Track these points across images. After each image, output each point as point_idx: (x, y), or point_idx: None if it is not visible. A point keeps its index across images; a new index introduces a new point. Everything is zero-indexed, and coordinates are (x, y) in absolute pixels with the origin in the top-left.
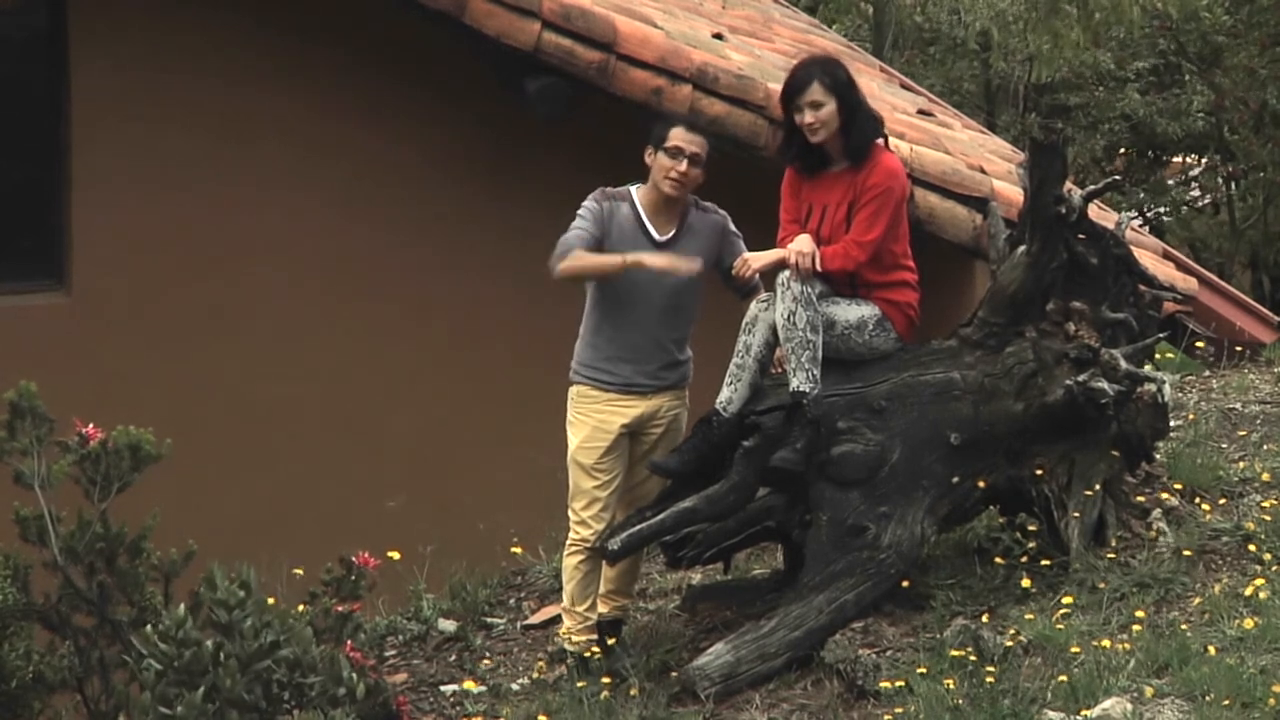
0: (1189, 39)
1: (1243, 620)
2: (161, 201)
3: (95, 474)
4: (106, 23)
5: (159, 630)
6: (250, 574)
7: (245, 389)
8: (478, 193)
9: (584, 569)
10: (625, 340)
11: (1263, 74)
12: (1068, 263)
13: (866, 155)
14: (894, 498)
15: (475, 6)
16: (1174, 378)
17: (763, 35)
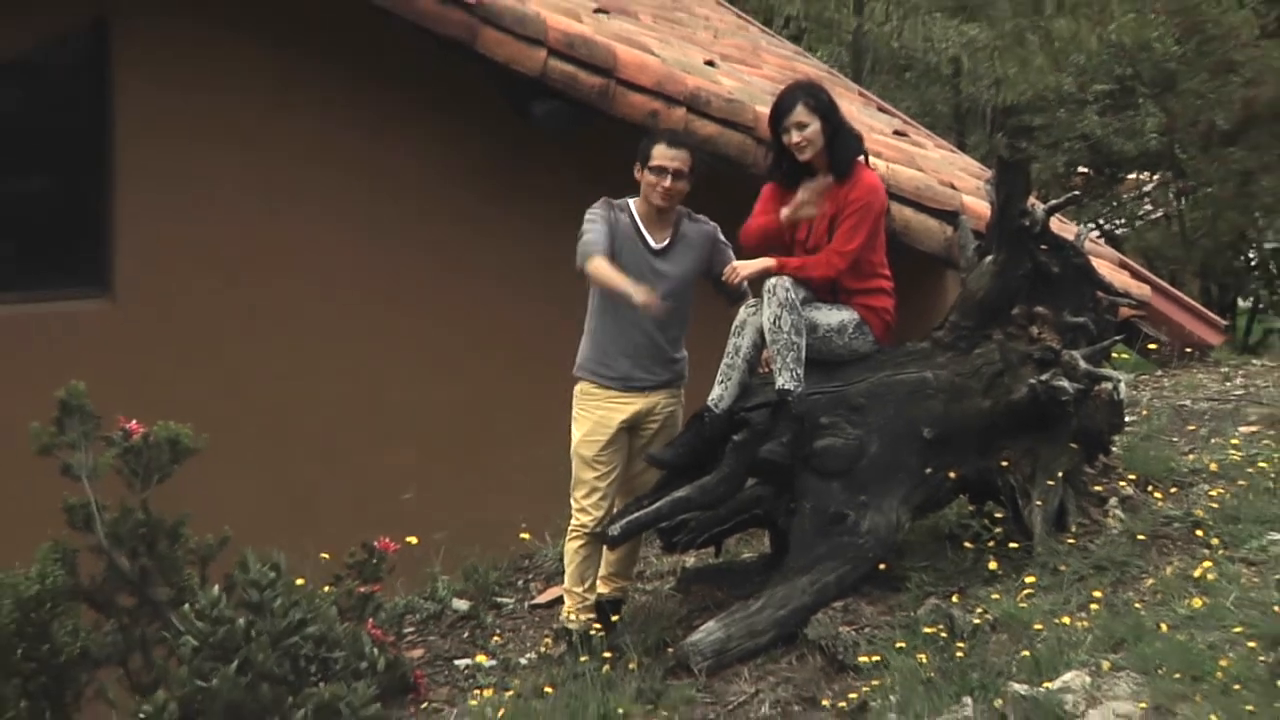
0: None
1: (1192, 600)
2: (198, 215)
3: (137, 466)
4: (147, 50)
5: (196, 609)
6: (280, 557)
7: (275, 388)
8: (487, 206)
9: (584, 553)
10: (625, 340)
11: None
12: (1031, 271)
13: (850, 171)
14: (872, 487)
15: (486, 35)
16: (1129, 377)
17: (751, 62)
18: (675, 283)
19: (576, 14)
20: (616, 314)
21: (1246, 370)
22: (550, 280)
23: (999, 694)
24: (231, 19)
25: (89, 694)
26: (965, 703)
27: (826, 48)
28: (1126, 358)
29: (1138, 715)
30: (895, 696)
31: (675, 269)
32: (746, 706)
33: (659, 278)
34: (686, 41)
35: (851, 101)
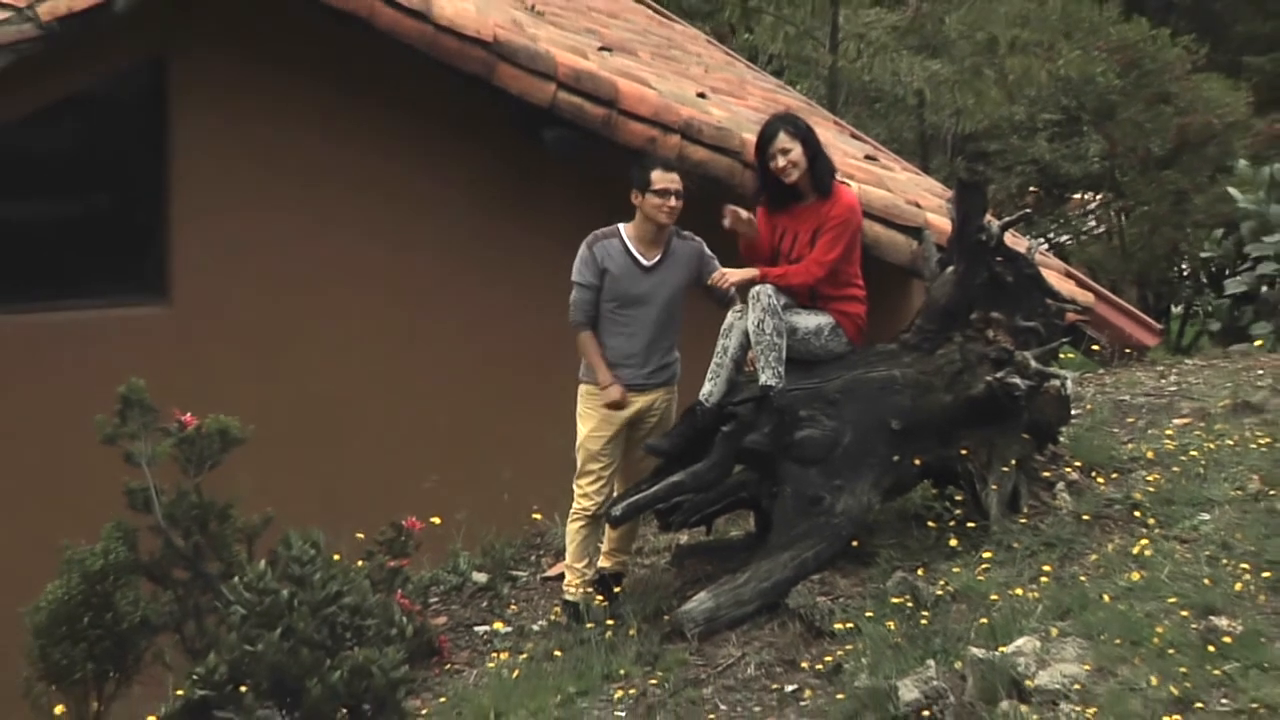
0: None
1: (1131, 574)
2: (248, 230)
3: (190, 454)
4: (201, 84)
5: (243, 582)
6: (318, 536)
7: (315, 385)
8: (502, 224)
9: (584, 533)
10: (626, 349)
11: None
12: (988, 281)
13: (828, 193)
14: (845, 473)
15: (503, 71)
16: (1075, 375)
17: (738, 94)
18: (666, 294)
19: (583, 51)
20: (616, 329)
21: (1179, 369)
22: (557, 291)
23: (959, 657)
24: (278, 56)
25: (148, 657)
26: (929, 665)
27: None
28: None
29: (1083, 676)
30: (866, 659)
31: (666, 282)
32: (734, 668)
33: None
34: (681, 76)
35: (827, 130)
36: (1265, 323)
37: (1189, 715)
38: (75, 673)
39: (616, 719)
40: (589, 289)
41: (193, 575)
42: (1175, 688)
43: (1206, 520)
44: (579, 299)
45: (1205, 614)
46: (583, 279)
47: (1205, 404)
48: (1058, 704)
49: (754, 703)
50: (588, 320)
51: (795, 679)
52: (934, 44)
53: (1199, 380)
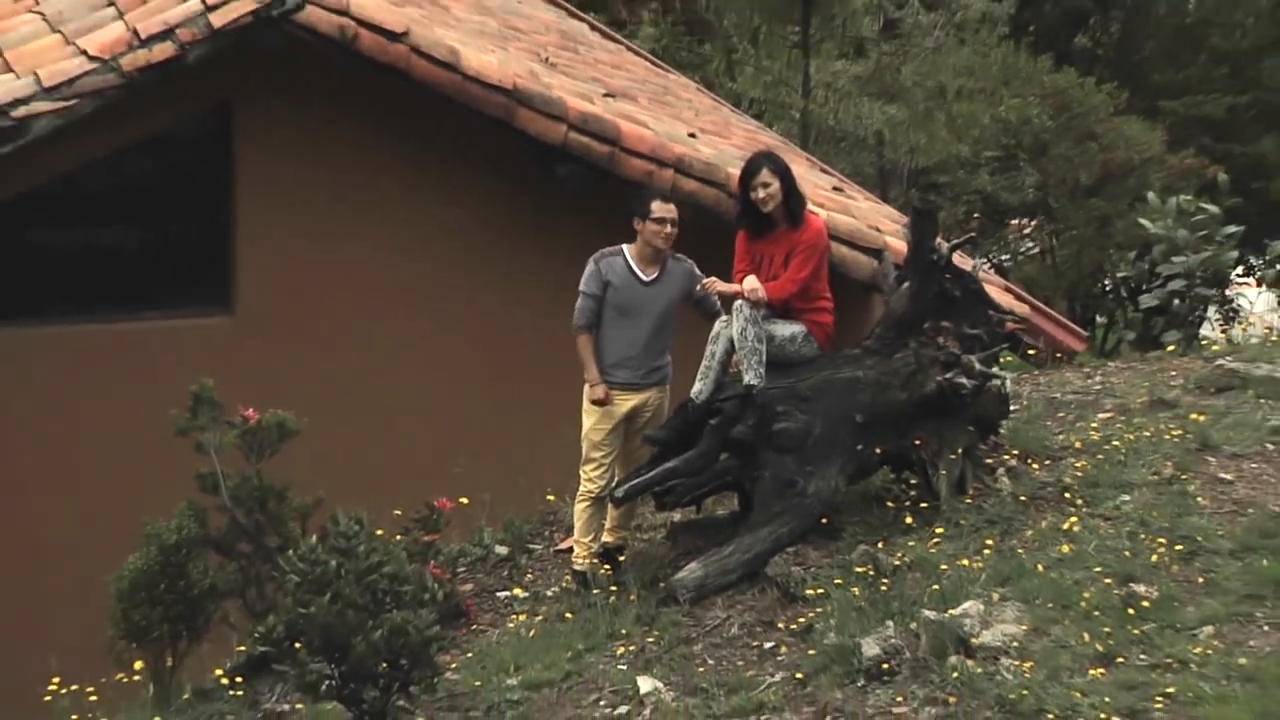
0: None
1: (1062, 547)
2: (302, 251)
3: (253, 444)
4: (263, 125)
5: (298, 554)
6: (363, 514)
7: (360, 385)
8: (522, 247)
9: (589, 512)
10: (624, 353)
11: (1076, 161)
12: (938, 295)
13: (801, 220)
14: (816, 460)
15: (521, 114)
16: (1013, 375)
17: (724, 134)
18: (661, 306)
19: (590, 97)
20: (617, 335)
21: (1103, 370)
22: (568, 305)
23: (914, 619)
24: (327, 102)
25: (215, 619)
26: (888, 625)
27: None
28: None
29: (1020, 635)
30: (834, 620)
31: (661, 296)
32: (720, 628)
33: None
34: (674, 119)
35: (800, 165)
36: (1175, 332)
37: (1112, 669)
38: (153, 632)
39: (619, 672)
40: (593, 298)
41: (254, 548)
42: (1100, 645)
43: (1127, 501)
44: (583, 306)
45: (1126, 582)
46: (588, 289)
47: (1125, 401)
48: (999, 659)
49: (737, 658)
50: (587, 325)
51: (773, 637)
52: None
53: (1120, 381)
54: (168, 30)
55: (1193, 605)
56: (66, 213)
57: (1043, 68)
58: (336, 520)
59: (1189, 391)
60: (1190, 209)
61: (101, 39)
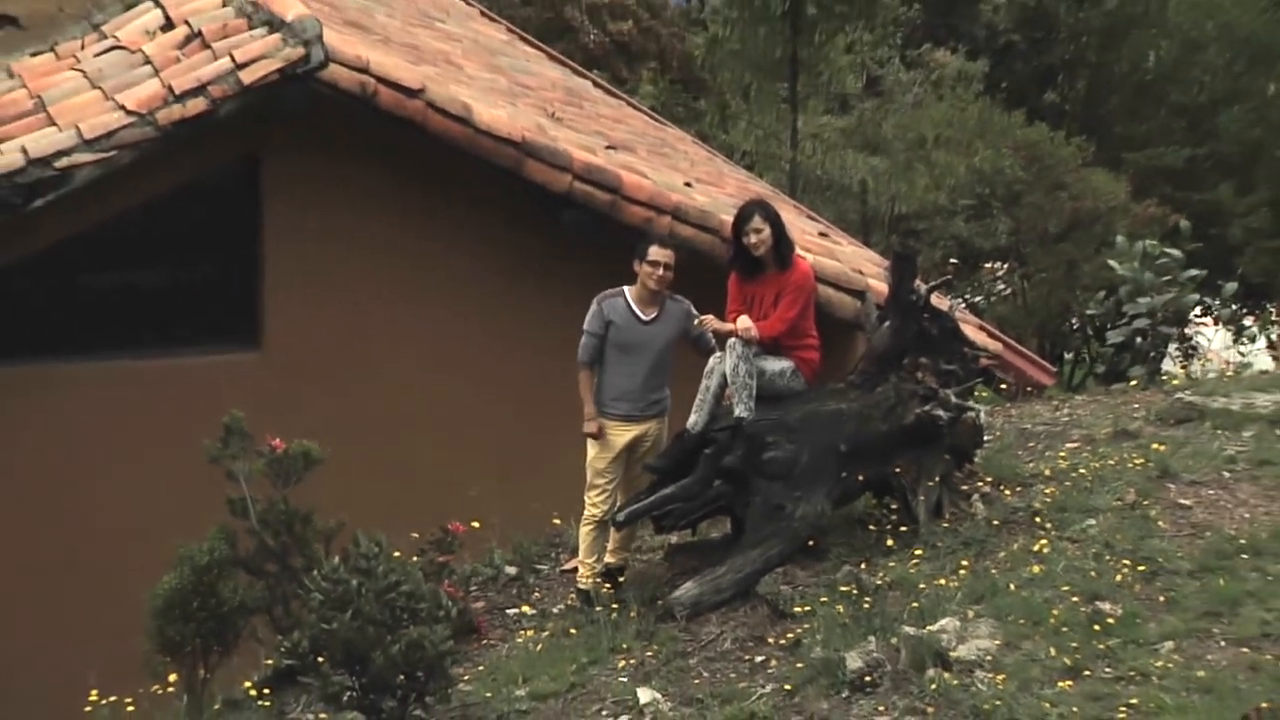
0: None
1: (1032, 567)
2: (324, 292)
3: (279, 471)
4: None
5: (321, 573)
6: (382, 537)
7: (380, 417)
8: (530, 288)
9: (593, 535)
10: (625, 387)
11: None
12: (917, 333)
13: (789, 263)
14: (803, 486)
15: (529, 165)
16: (986, 408)
17: (718, 183)
18: (660, 344)
19: (593, 149)
20: (619, 371)
21: (1070, 403)
22: (573, 343)
23: (895, 634)
24: (348, 154)
25: (244, 634)
26: (870, 640)
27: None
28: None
29: (994, 649)
30: (820, 635)
31: (660, 335)
32: (714, 643)
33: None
34: (671, 169)
35: (788, 212)
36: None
37: (1079, 681)
38: (186, 647)
39: (620, 683)
40: (595, 336)
41: (281, 568)
42: (1068, 659)
43: (1093, 525)
44: (586, 343)
45: (1092, 600)
46: (591, 328)
47: (1091, 432)
48: (974, 672)
49: (730, 670)
50: (590, 361)
51: (763, 651)
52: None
53: (1086, 413)
54: (200, 87)
55: (1154, 622)
56: (105, 256)
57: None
58: (357, 542)
59: (1150, 423)
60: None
61: (139, 95)
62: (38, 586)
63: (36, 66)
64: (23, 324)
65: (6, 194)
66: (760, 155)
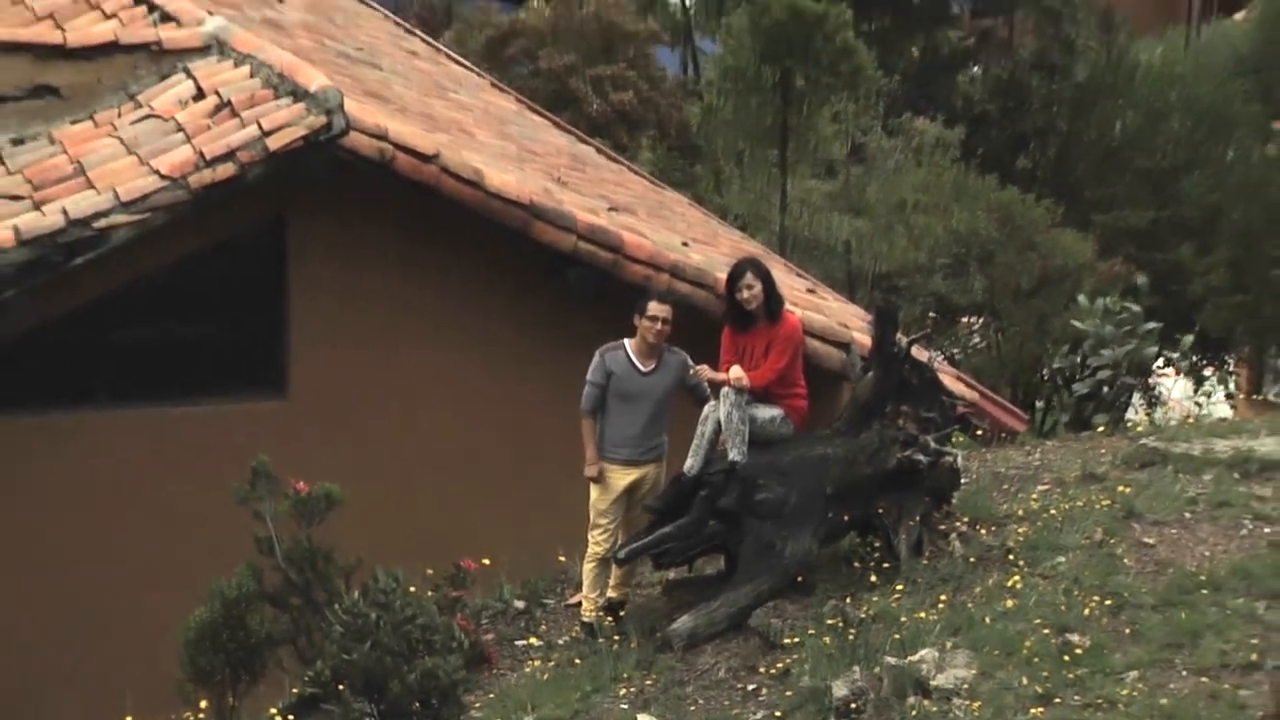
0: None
1: (1006, 601)
2: (346, 344)
3: (303, 512)
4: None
5: (342, 607)
6: (398, 572)
7: (397, 461)
8: (537, 342)
9: (596, 571)
10: (625, 433)
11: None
12: (899, 383)
13: (779, 317)
14: (792, 526)
15: (537, 226)
16: (963, 452)
17: (712, 243)
18: (658, 394)
19: (596, 211)
20: (619, 418)
21: (1042, 448)
22: (576, 393)
23: (878, 664)
24: (369, 215)
25: (271, 664)
26: (855, 669)
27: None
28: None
29: (970, 678)
30: (808, 665)
31: (658, 385)
32: (709, 672)
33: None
34: (669, 229)
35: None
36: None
37: (1050, 708)
38: (216, 676)
39: (621, 710)
40: (597, 386)
41: (304, 602)
42: (1039, 687)
43: (1062, 562)
44: (589, 393)
45: (1062, 632)
46: (594, 378)
47: (1061, 475)
48: (951, 699)
49: (724, 698)
50: (592, 409)
51: (755, 680)
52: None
53: (1056, 457)
54: (230, 153)
55: (1120, 653)
56: (141, 310)
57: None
58: (376, 578)
59: (1116, 466)
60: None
61: (172, 160)
62: (80, 615)
63: (76, 134)
64: (64, 374)
65: (48, 253)
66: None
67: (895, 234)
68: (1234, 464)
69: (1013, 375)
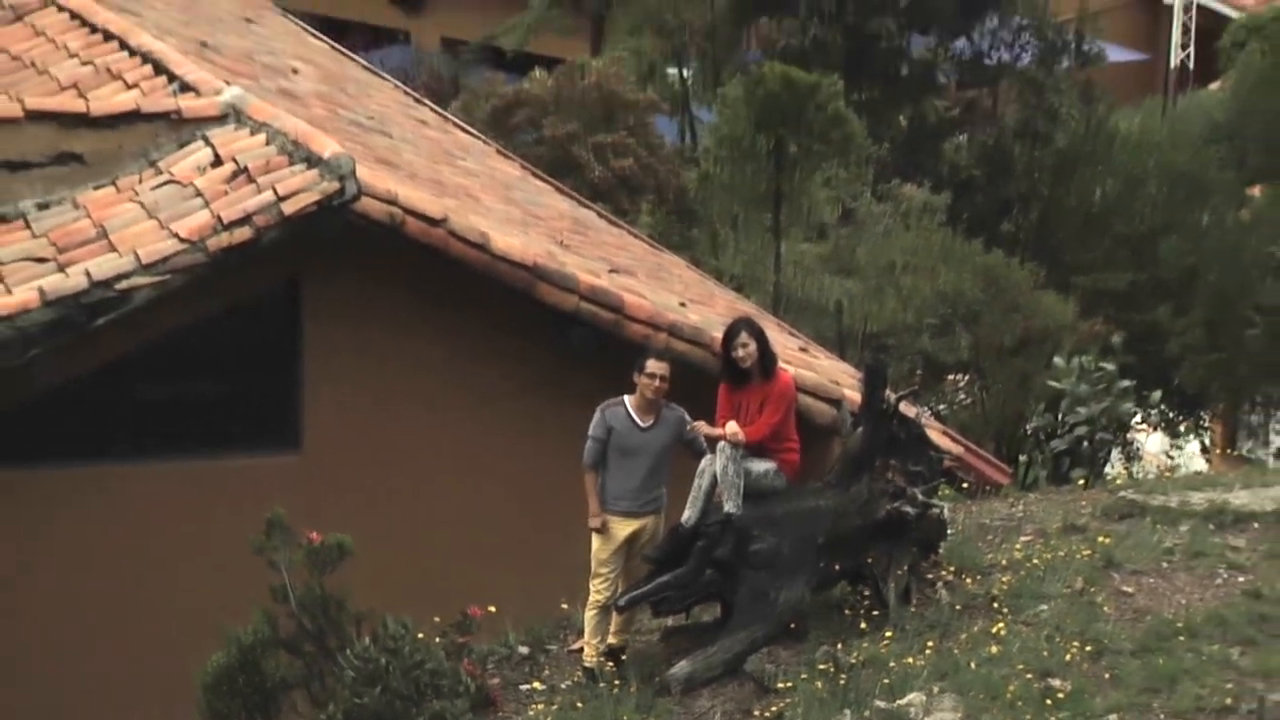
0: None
1: (991, 647)
2: (358, 401)
3: (316, 561)
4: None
5: (354, 653)
6: (408, 620)
7: (407, 512)
8: (540, 398)
9: (597, 619)
10: (626, 486)
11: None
12: (888, 437)
13: (773, 374)
14: (785, 575)
15: (541, 287)
16: (949, 504)
17: (708, 303)
18: (657, 449)
19: (597, 273)
20: (619, 472)
21: (1024, 500)
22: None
23: (868, 707)
24: (380, 277)
25: (285, 707)
26: (846, 713)
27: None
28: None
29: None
30: (801, 709)
31: (656, 440)
32: (706, 715)
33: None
34: (667, 290)
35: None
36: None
37: None
38: (233, 719)
39: None
40: (598, 441)
41: (318, 648)
42: None
43: (1045, 609)
44: (591, 447)
45: (1044, 677)
46: (595, 433)
47: (1043, 526)
48: None
49: None
50: (594, 463)
51: None
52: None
53: (1038, 509)
54: (246, 217)
55: (1100, 697)
56: (161, 367)
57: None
58: (386, 625)
59: (1096, 518)
60: (1091, 367)
61: (190, 224)
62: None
63: (99, 199)
64: (87, 429)
65: (72, 313)
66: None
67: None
68: (1209, 516)
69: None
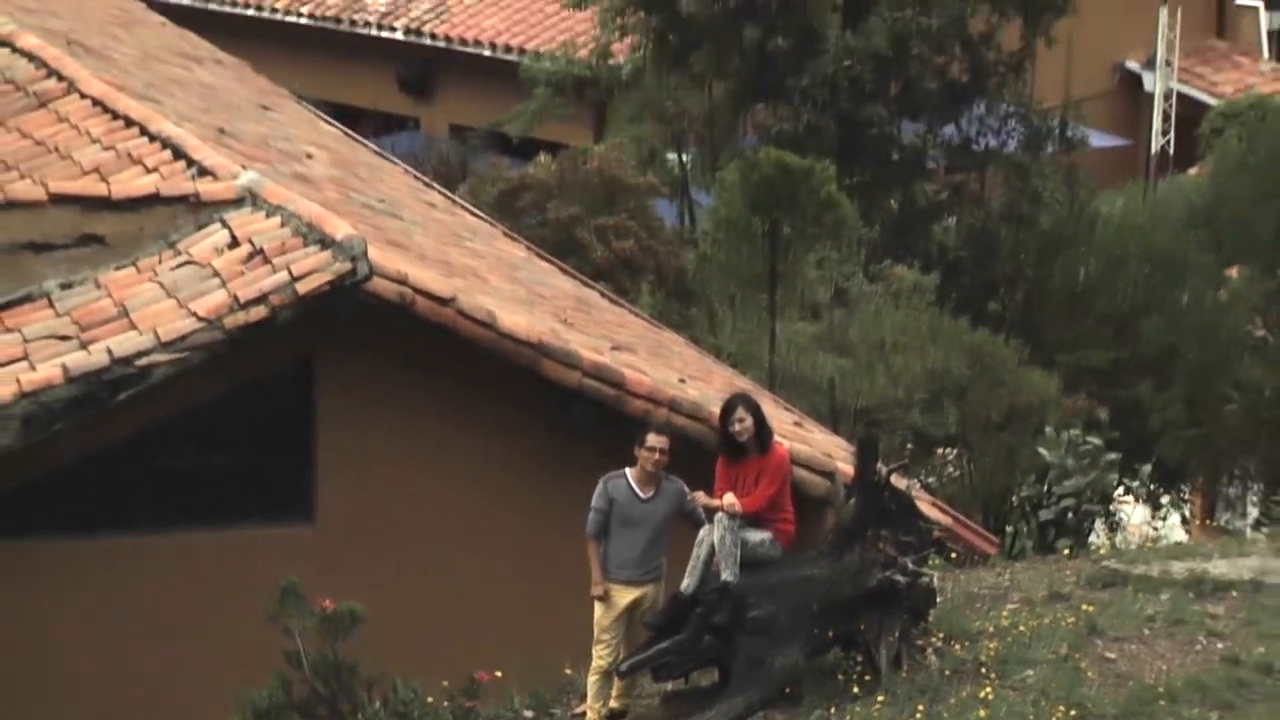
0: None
1: (979, 711)
2: (371, 475)
3: (329, 628)
4: (339, 374)
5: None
6: (417, 684)
7: (416, 581)
8: (545, 471)
9: (599, 683)
10: (627, 555)
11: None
12: (879, 509)
13: (769, 448)
14: (781, 641)
15: (545, 364)
16: (938, 573)
17: (707, 379)
18: (657, 519)
19: (600, 350)
20: (621, 542)
21: (1011, 569)
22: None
23: None
24: (391, 355)
25: None
26: None
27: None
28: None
29: None
30: None
31: (657, 511)
32: None
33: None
34: (667, 367)
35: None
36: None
37: None
38: None
39: None
40: (600, 512)
41: (330, 712)
42: None
43: (1030, 675)
44: (593, 518)
45: None
46: (597, 504)
47: (1029, 594)
48: None
49: None
50: (596, 533)
51: None
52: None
53: (1025, 578)
54: (262, 296)
55: None
56: (179, 441)
57: (962, 328)
58: (397, 689)
59: (1080, 586)
60: (1078, 440)
61: (208, 303)
62: None
63: (120, 279)
64: (107, 500)
65: (94, 389)
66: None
67: (875, 372)
68: (1189, 584)
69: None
